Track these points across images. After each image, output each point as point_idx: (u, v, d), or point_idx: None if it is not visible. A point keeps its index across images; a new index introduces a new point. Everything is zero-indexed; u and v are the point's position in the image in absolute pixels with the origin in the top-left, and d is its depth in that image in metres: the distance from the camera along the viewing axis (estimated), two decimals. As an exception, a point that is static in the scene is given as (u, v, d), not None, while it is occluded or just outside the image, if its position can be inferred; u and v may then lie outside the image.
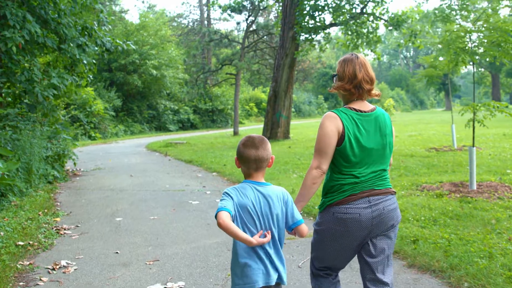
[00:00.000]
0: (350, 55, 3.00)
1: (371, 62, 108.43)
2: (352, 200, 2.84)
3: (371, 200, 2.85)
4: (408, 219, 6.26)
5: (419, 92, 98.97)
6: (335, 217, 2.87)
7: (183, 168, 13.31)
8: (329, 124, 2.86)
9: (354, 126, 2.87)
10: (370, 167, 2.90)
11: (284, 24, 20.75)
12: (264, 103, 53.96)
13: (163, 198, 8.86)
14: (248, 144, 2.74)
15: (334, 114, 2.89)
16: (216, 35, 30.40)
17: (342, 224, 2.85)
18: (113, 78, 34.12)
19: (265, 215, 2.68)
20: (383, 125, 2.95)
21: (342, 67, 2.97)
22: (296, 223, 2.78)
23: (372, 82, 2.97)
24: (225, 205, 2.57)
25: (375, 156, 2.91)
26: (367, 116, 2.92)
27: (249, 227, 2.67)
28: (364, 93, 2.95)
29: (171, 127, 37.41)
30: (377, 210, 2.85)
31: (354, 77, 2.91)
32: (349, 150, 2.84)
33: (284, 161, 13.32)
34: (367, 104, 3.00)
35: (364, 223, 2.83)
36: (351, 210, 2.83)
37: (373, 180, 2.90)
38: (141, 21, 36.98)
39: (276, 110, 20.82)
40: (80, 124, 27.18)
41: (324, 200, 2.97)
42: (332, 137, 2.84)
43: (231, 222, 2.52)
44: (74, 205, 8.43)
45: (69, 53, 10.99)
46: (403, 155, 13.60)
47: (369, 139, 2.88)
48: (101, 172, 13.00)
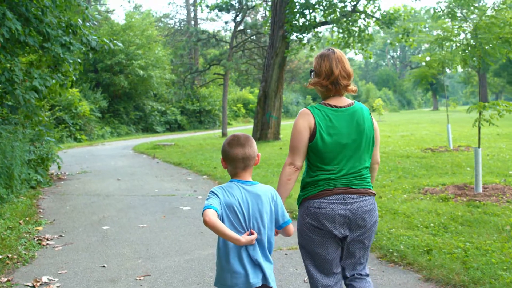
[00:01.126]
0: (326, 50, 2.97)
1: (360, 62, 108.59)
2: (326, 195, 2.82)
3: (346, 198, 2.82)
4: (416, 226, 5.86)
5: (406, 92, 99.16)
6: (309, 211, 2.86)
7: (172, 171, 12.83)
8: (301, 121, 2.86)
9: (328, 122, 2.83)
10: (346, 164, 2.85)
11: (274, 23, 20.33)
12: (252, 104, 53.69)
13: (153, 204, 8.39)
14: (233, 143, 2.68)
15: (307, 110, 2.88)
16: (203, 35, 29.91)
17: (316, 219, 2.83)
18: (99, 79, 33.52)
19: (253, 215, 2.61)
20: (361, 120, 2.89)
21: (319, 62, 2.94)
22: (286, 222, 2.74)
23: (349, 78, 2.93)
24: (212, 203, 2.51)
25: (351, 152, 2.86)
26: (342, 112, 2.87)
27: (236, 227, 2.59)
28: (341, 89, 2.91)
29: (158, 128, 36.87)
30: (351, 209, 2.81)
31: (331, 73, 2.88)
32: (321, 146, 2.82)
33: (276, 163, 12.90)
34: (344, 99, 2.95)
35: (337, 219, 2.80)
36: (324, 205, 2.81)
37: (349, 179, 2.85)
38: (127, 21, 36.41)
39: (266, 110, 20.39)
40: (66, 125, 26.59)
41: (300, 194, 2.97)
42: (303, 133, 2.84)
43: (218, 220, 2.43)
44: (58, 212, 7.94)
45: (53, 52, 10.49)
46: (399, 156, 13.24)
47: (343, 135, 2.84)
48: (87, 175, 12.49)
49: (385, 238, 5.43)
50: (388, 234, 5.58)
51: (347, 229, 2.85)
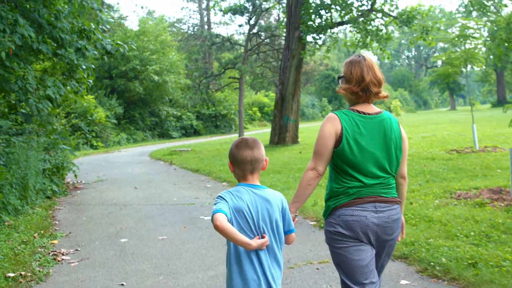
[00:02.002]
0: (357, 57, 2.91)
1: (376, 62, 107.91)
2: (359, 203, 2.76)
3: (377, 206, 2.78)
4: (455, 235, 5.46)
5: (423, 92, 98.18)
6: (340, 220, 2.78)
7: (190, 178, 12.51)
8: (327, 126, 2.81)
9: (355, 128, 2.78)
10: (375, 172, 2.80)
11: (289, 24, 19.97)
12: (267, 107, 53.38)
13: (172, 214, 8.06)
14: (241, 145, 2.65)
15: (334, 115, 2.83)
16: (217, 39, 29.62)
17: (349, 227, 2.76)
18: (114, 85, 33.40)
19: (262, 219, 2.56)
20: (389, 129, 2.84)
21: (349, 69, 2.88)
22: (290, 230, 2.70)
23: (380, 85, 2.88)
24: (221, 207, 2.45)
25: (379, 160, 2.80)
26: (370, 119, 2.83)
27: (246, 232, 2.53)
28: (371, 96, 2.86)
29: (174, 134, 36.66)
30: (383, 217, 2.78)
31: (361, 79, 2.83)
32: (348, 152, 2.76)
33: (297, 167, 12.54)
34: (372, 106, 2.91)
35: (369, 227, 2.75)
36: (357, 213, 2.75)
37: (378, 187, 2.81)
38: (140, 27, 36.30)
39: (283, 113, 20.01)
40: (82, 133, 26.48)
41: (329, 204, 2.88)
42: (328, 139, 2.79)
43: (229, 224, 2.38)
44: (74, 224, 7.64)
45: (67, 59, 10.24)
46: (423, 158, 12.80)
47: (371, 142, 2.79)
48: (103, 184, 12.21)
49: (423, 250, 5.03)
50: (427, 244, 5.18)
51: (376, 237, 2.80)
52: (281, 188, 9.54)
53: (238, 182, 2.69)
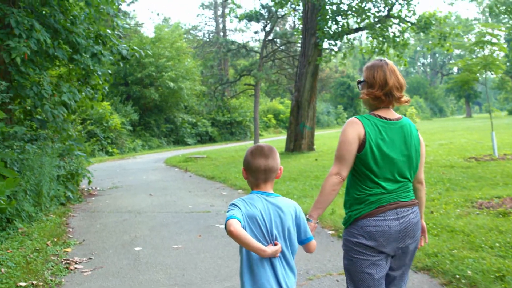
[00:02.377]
0: (379, 61, 2.88)
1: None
2: (381, 212, 2.73)
3: (399, 212, 2.75)
4: (480, 246, 5.25)
5: (438, 99, 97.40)
6: (364, 231, 2.74)
7: (206, 185, 12.39)
8: (350, 130, 2.76)
9: (377, 133, 2.75)
10: (395, 178, 2.78)
11: (305, 31, 19.84)
12: (282, 114, 53.25)
13: (187, 222, 7.93)
14: (256, 153, 2.62)
15: (357, 119, 2.79)
16: (233, 45, 29.56)
17: (372, 238, 2.72)
18: (130, 92, 33.48)
19: (275, 227, 2.52)
20: (408, 135, 2.83)
21: (372, 73, 2.85)
22: (308, 238, 2.66)
23: (402, 89, 2.86)
24: (234, 213, 2.43)
25: (400, 166, 2.78)
26: (392, 124, 2.81)
27: (259, 239, 2.48)
28: (393, 100, 2.84)
29: (189, 140, 36.63)
30: (405, 222, 2.75)
31: (385, 84, 2.80)
32: (371, 158, 2.73)
33: (314, 175, 12.37)
34: (393, 112, 2.89)
35: (393, 235, 2.72)
36: (380, 222, 2.71)
37: (399, 192, 2.79)
38: (156, 33, 36.40)
39: (299, 120, 19.84)
40: (97, 139, 26.52)
41: (351, 214, 2.82)
42: (352, 143, 2.74)
43: (243, 230, 2.36)
44: (87, 231, 7.54)
45: (82, 64, 10.20)
46: (442, 166, 12.55)
47: (392, 148, 2.76)
48: (118, 191, 12.13)
49: (447, 262, 4.84)
50: (450, 256, 4.99)
51: (399, 243, 2.76)
52: (297, 196, 9.39)
53: (251, 190, 2.67)
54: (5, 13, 8.41)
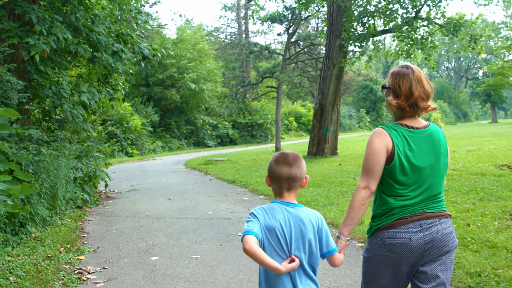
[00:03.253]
0: (405, 69, 2.76)
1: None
2: (402, 224, 2.62)
3: (423, 224, 2.62)
4: (528, 266, 4.79)
5: (462, 104, 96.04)
6: (383, 243, 2.66)
7: (226, 190, 12.01)
8: (377, 141, 2.67)
9: (405, 144, 2.66)
10: (423, 189, 2.67)
11: (330, 33, 19.38)
12: (304, 117, 52.81)
13: (207, 229, 7.55)
14: (281, 160, 2.55)
15: (384, 130, 2.70)
16: (256, 47, 29.21)
17: (391, 250, 2.63)
18: (151, 93, 33.36)
19: (295, 240, 2.45)
20: (437, 143, 2.72)
21: (397, 82, 2.73)
22: (330, 251, 2.55)
23: (428, 98, 2.73)
24: (252, 228, 2.38)
25: (428, 176, 2.67)
26: (419, 133, 2.70)
27: (278, 252, 2.43)
28: (418, 111, 2.73)
29: (209, 142, 36.36)
30: (430, 234, 2.61)
31: (410, 95, 2.69)
32: (399, 170, 2.63)
33: (338, 181, 11.92)
34: (420, 120, 2.79)
35: (415, 248, 2.60)
36: (401, 235, 2.61)
37: (425, 203, 2.67)
38: (178, 35, 36.25)
39: (322, 124, 19.38)
40: (117, 140, 26.35)
41: (372, 225, 2.75)
42: (380, 155, 2.64)
43: (259, 248, 2.30)
44: (103, 237, 7.21)
45: (103, 62, 9.90)
46: (472, 174, 12.01)
47: (421, 158, 2.66)
48: (136, 194, 11.82)
49: (493, 283, 4.39)
50: (495, 276, 4.54)
51: (426, 256, 2.63)
52: (323, 203, 8.96)
53: (274, 197, 2.60)
54: (25, 10, 8.16)
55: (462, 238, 5.93)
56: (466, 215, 7.32)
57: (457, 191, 9.58)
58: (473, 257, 5.19)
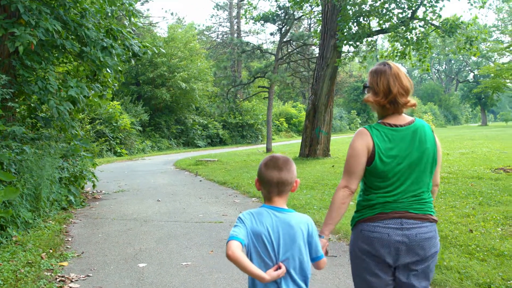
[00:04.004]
0: (382, 66, 2.74)
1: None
2: (382, 219, 2.61)
3: (403, 222, 2.59)
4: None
5: (452, 106, 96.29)
6: (362, 235, 2.67)
7: (217, 191, 11.67)
8: (358, 142, 2.67)
9: (387, 143, 2.63)
10: (405, 186, 2.63)
11: (324, 32, 19.06)
12: (295, 118, 52.54)
13: (197, 233, 7.21)
14: (270, 164, 2.49)
15: (365, 130, 2.69)
16: (248, 47, 28.87)
17: (369, 244, 2.63)
18: (141, 91, 32.95)
19: (284, 246, 2.38)
20: (423, 138, 2.66)
21: (375, 80, 2.71)
22: (319, 257, 2.51)
23: (407, 94, 2.69)
24: (237, 233, 2.29)
25: (411, 173, 2.63)
26: (402, 131, 2.67)
27: (263, 258, 2.36)
28: (399, 107, 2.69)
29: (199, 142, 35.99)
30: (409, 235, 2.58)
31: (388, 92, 2.66)
32: (380, 169, 2.62)
33: (332, 183, 11.62)
34: (404, 117, 2.74)
35: (391, 246, 2.58)
36: (380, 229, 2.60)
37: (409, 203, 2.63)
38: (169, 33, 35.87)
39: (315, 125, 19.06)
40: (106, 139, 25.94)
41: (354, 216, 2.77)
42: (361, 156, 2.65)
43: (242, 254, 2.21)
44: (88, 242, 6.84)
45: (92, 56, 9.51)
46: (469, 177, 11.75)
47: (404, 157, 2.63)
48: (124, 195, 11.45)
49: (506, 296, 4.10)
50: (507, 289, 4.25)
51: (402, 257, 2.60)
52: (318, 207, 8.64)
53: (263, 202, 2.53)
54: (11, 0, 7.78)
55: (467, 246, 5.64)
56: (467, 221, 7.04)
57: (455, 195, 9.31)
58: (481, 266, 4.90)
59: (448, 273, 4.73)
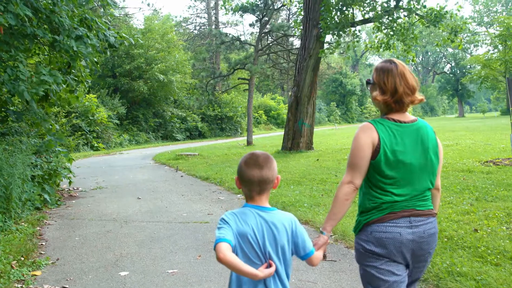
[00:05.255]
0: (388, 64, 2.67)
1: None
2: (392, 218, 2.53)
3: (412, 220, 2.54)
4: None
5: (429, 98, 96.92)
6: (373, 237, 2.55)
7: (200, 188, 11.16)
8: (363, 135, 2.57)
9: (392, 138, 2.55)
10: (411, 185, 2.57)
11: (306, 22, 18.58)
12: (274, 110, 52.15)
13: (182, 235, 6.70)
14: (251, 162, 2.38)
15: (370, 124, 2.60)
16: (227, 38, 28.31)
17: (381, 245, 2.52)
18: (118, 84, 32.20)
19: (268, 245, 2.30)
20: (425, 138, 2.62)
21: (382, 78, 2.63)
22: (308, 254, 2.42)
23: (413, 92, 2.62)
24: (224, 234, 2.21)
25: (416, 172, 2.57)
26: (407, 127, 2.60)
27: (251, 259, 2.28)
28: (404, 106, 2.62)
29: (178, 136, 35.40)
30: (418, 232, 2.54)
31: (395, 91, 2.59)
32: (385, 164, 2.53)
33: (319, 178, 11.19)
34: (407, 115, 2.69)
35: (404, 244, 2.52)
36: (391, 229, 2.52)
37: (414, 200, 2.58)
38: (146, 25, 35.12)
39: (298, 117, 18.61)
40: (82, 133, 25.23)
41: (360, 219, 2.65)
42: (366, 150, 2.55)
43: (234, 256, 2.15)
44: (64, 246, 6.30)
45: (65, 46, 8.86)
46: (459, 171, 11.43)
47: (408, 153, 2.55)
48: (102, 192, 10.89)
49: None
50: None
51: (412, 254, 2.57)
52: (308, 204, 8.18)
53: (245, 201, 2.45)
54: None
55: (475, 247, 5.23)
56: (469, 219, 6.65)
57: (449, 190, 8.95)
58: (497, 272, 4.49)
59: (463, 280, 4.31)
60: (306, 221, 7.03)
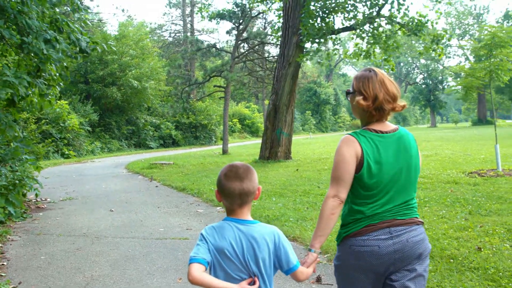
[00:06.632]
0: (367, 72, 2.67)
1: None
2: (370, 231, 2.50)
3: (392, 231, 2.49)
4: None
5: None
6: (352, 250, 2.52)
7: (177, 199, 10.58)
8: (347, 148, 2.54)
9: (375, 150, 2.53)
10: (393, 196, 2.53)
11: (285, 29, 18.16)
12: (248, 119, 51.79)
13: (160, 254, 6.13)
14: (230, 175, 2.31)
15: (352, 137, 2.57)
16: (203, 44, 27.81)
17: (360, 258, 2.50)
18: (90, 90, 31.39)
19: (248, 260, 2.24)
20: (408, 146, 2.60)
21: (362, 85, 2.62)
22: (291, 268, 2.33)
23: (394, 100, 2.60)
24: (196, 253, 2.20)
25: (399, 181, 2.54)
26: (389, 137, 2.58)
27: (230, 274, 2.23)
28: (385, 114, 2.61)
29: (151, 144, 34.67)
30: (400, 242, 2.48)
31: (375, 98, 2.57)
32: (368, 177, 2.50)
33: (302, 190, 10.73)
34: (388, 124, 2.66)
35: (384, 257, 2.46)
36: (369, 242, 2.48)
37: (396, 209, 2.53)
38: (120, 30, 34.43)
39: (276, 126, 18.14)
40: (52, 140, 24.40)
41: (340, 232, 2.63)
42: (350, 163, 2.52)
43: (205, 275, 2.13)
44: (27, 267, 5.68)
45: (34, 48, 8.25)
46: (445, 182, 11.09)
47: (391, 163, 2.53)
48: (72, 203, 10.25)
49: None
50: None
51: (397, 265, 2.48)
52: (294, 219, 7.67)
53: (226, 214, 2.37)
54: None
55: (484, 269, 4.81)
56: (468, 235, 6.24)
57: (439, 203, 8.58)
58: (512, 299, 4.06)
59: (479, 309, 3.86)
60: (294, 237, 6.53)
